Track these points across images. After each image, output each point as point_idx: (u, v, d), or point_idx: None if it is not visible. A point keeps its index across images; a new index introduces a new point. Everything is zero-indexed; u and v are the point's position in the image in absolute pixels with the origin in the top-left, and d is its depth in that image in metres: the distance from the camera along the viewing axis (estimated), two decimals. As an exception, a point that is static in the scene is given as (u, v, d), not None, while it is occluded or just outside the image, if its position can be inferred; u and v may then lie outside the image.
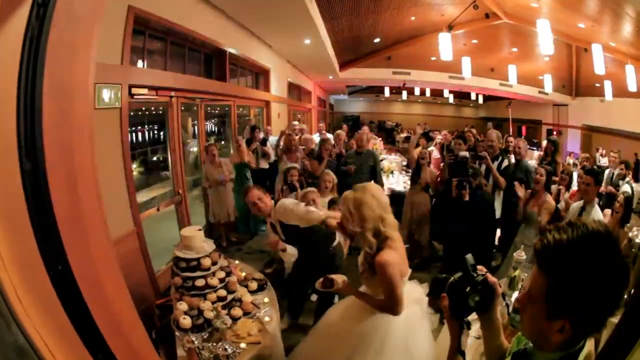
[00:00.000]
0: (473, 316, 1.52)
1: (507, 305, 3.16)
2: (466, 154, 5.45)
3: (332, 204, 5.06)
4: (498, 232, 7.29)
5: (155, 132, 9.26)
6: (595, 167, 9.58)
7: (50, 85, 1.08)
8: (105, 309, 1.17)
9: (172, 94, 5.63)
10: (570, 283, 1.07)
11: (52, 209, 1.05)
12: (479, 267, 1.47)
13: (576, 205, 4.54)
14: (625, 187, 7.14)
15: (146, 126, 8.90)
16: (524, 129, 24.37)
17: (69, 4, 1.11)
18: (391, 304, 2.58)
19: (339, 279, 3.02)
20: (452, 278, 1.46)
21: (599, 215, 4.24)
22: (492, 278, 1.44)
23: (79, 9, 1.13)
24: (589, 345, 1.16)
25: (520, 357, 1.32)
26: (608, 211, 4.92)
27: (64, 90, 1.14)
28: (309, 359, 3.10)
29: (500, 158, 5.65)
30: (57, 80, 1.09)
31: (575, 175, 6.98)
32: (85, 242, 1.14)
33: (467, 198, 5.03)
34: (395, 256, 2.55)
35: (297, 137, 7.95)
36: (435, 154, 8.21)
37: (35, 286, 1.03)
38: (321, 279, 3.15)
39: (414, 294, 2.81)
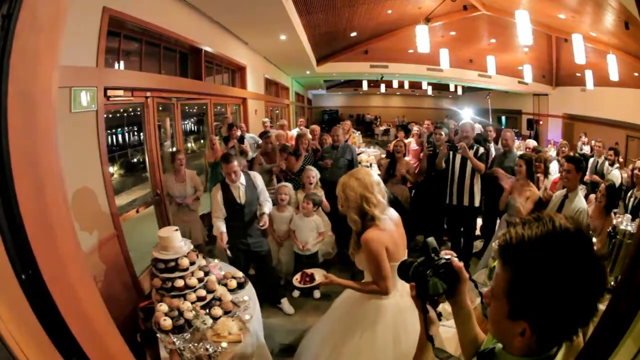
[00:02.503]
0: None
1: (480, 294, 3.23)
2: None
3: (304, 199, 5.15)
4: (479, 221, 7.44)
5: (135, 133, 9.20)
6: (577, 154, 9.75)
7: (15, 92, 1.09)
8: (78, 312, 1.18)
9: (148, 94, 5.58)
10: (531, 281, 1.00)
11: (20, 215, 1.07)
12: (446, 251, 1.47)
13: (559, 193, 4.52)
14: (615, 173, 7.20)
15: (126, 128, 8.83)
16: (504, 119, 24.69)
17: (33, 14, 1.13)
18: (378, 280, 2.75)
19: (318, 273, 3.20)
20: (416, 262, 1.45)
21: (582, 203, 4.23)
22: (457, 262, 1.43)
23: (42, 18, 1.14)
24: (562, 355, 1.09)
25: (486, 357, 1.26)
26: (593, 196, 4.97)
27: (29, 96, 1.15)
28: (317, 336, 3.30)
29: (475, 147, 5.71)
30: (21, 88, 1.11)
31: (555, 163, 7.09)
32: (54, 246, 1.15)
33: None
34: (379, 234, 2.72)
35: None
36: (413, 145, 8.26)
37: (6, 291, 1.04)
38: (299, 275, 3.22)
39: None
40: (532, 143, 8.90)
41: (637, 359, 1.18)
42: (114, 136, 8.40)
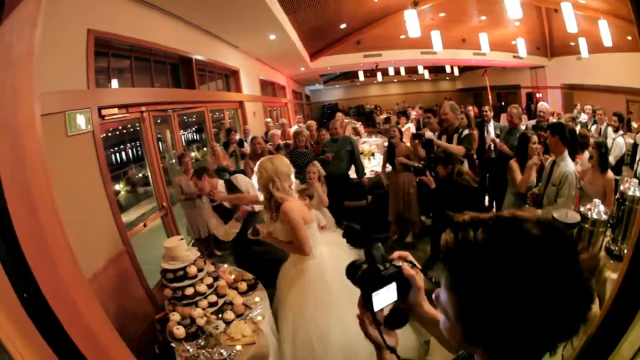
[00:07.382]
0: None
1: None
2: (431, 134, 5.30)
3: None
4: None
5: (137, 149, 9.26)
6: (578, 122, 9.67)
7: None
8: (82, 327, 1.23)
9: (143, 109, 5.64)
10: (482, 302, 0.76)
11: (16, 237, 1.12)
12: (399, 253, 1.30)
13: (548, 161, 4.58)
14: (619, 140, 7.05)
15: (128, 144, 8.89)
16: (503, 95, 24.55)
17: (8, 50, 1.17)
18: (299, 243, 3.19)
19: (264, 228, 3.55)
20: (362, 267, 1.25)
21: (568, 167, 4.23)
22: (408, 270, 1.23)
23: (16, 52, 1.19)
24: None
25: None
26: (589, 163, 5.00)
27: (12, 129, 1.20)
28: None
29: (460, 130, 5.37)
30: (4, 122, 1.16)
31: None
32: (52, 264, 1.20)
33: (433, 186, 4.85)
34: (296, 204, 3.25)
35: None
36: (413, 129, 8.27)
37: (9, 310, 1.09)
38: (251, 228, 3.65)
39: (331, 238, 3.69)
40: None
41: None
42: (117, 154, 8.46)
